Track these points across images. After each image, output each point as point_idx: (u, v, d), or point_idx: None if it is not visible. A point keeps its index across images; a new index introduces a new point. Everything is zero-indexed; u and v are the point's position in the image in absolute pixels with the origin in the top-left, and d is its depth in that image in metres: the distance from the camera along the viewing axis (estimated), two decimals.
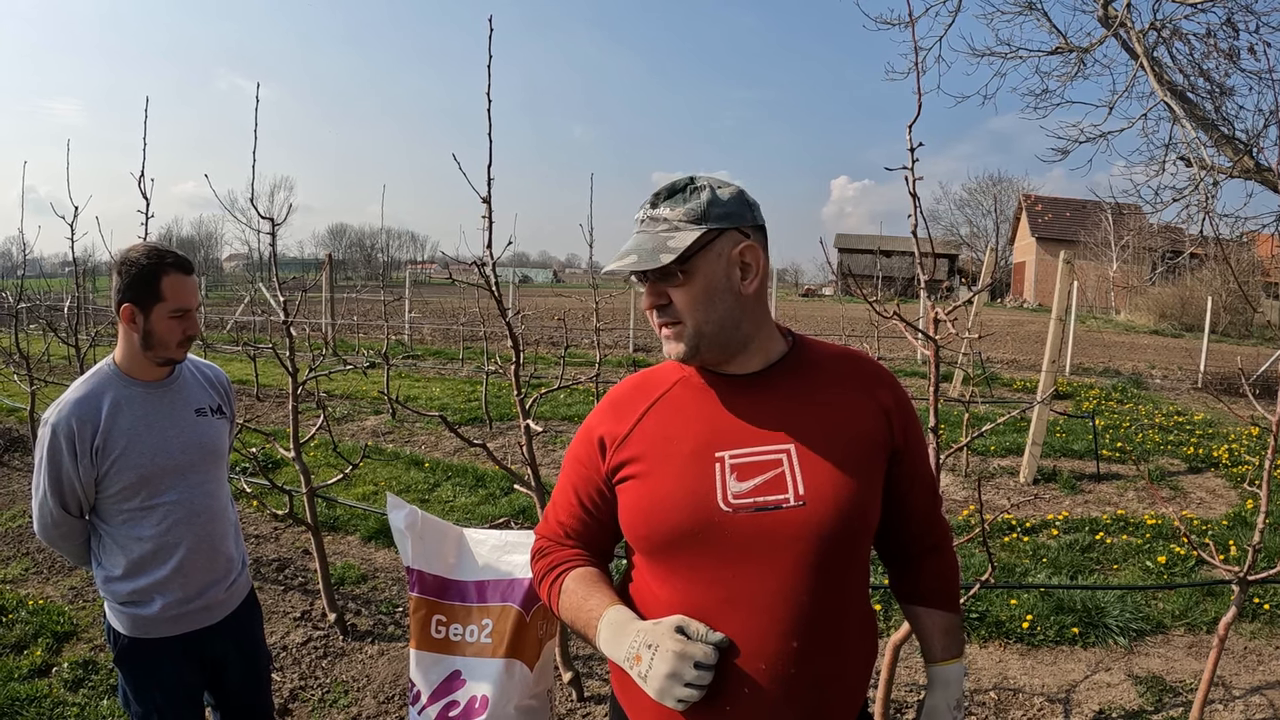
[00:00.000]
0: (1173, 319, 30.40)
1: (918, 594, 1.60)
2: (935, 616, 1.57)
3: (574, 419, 9.69)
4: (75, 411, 2.04)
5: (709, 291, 1.37)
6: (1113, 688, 3.77)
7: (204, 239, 73.01)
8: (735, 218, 1.39)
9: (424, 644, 2.24)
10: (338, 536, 5.58)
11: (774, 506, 1.33)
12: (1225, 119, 10.19)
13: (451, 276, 3.84)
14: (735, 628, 1.32)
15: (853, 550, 1.38)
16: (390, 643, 4.07)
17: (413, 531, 2.27)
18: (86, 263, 14.29)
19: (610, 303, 15.44)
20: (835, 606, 1.36)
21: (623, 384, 1.58)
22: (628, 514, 1.44)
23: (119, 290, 2.08)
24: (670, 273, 1.37)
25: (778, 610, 1.31)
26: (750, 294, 1.40)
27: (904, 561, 1.61)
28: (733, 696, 1.32)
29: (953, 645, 1.56)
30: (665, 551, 1.39)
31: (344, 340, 18.79)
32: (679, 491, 1.37)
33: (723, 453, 1.38)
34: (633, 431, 1.46)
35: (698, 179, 1.41)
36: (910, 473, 1.51)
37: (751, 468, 1.36)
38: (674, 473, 1.39)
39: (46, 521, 2.11)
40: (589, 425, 1.55)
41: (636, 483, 1.43)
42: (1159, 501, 6.74)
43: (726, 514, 1.33)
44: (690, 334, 1.38)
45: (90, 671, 3.68)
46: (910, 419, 1.50)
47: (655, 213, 1.39)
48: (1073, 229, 43.48)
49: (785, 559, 1.32)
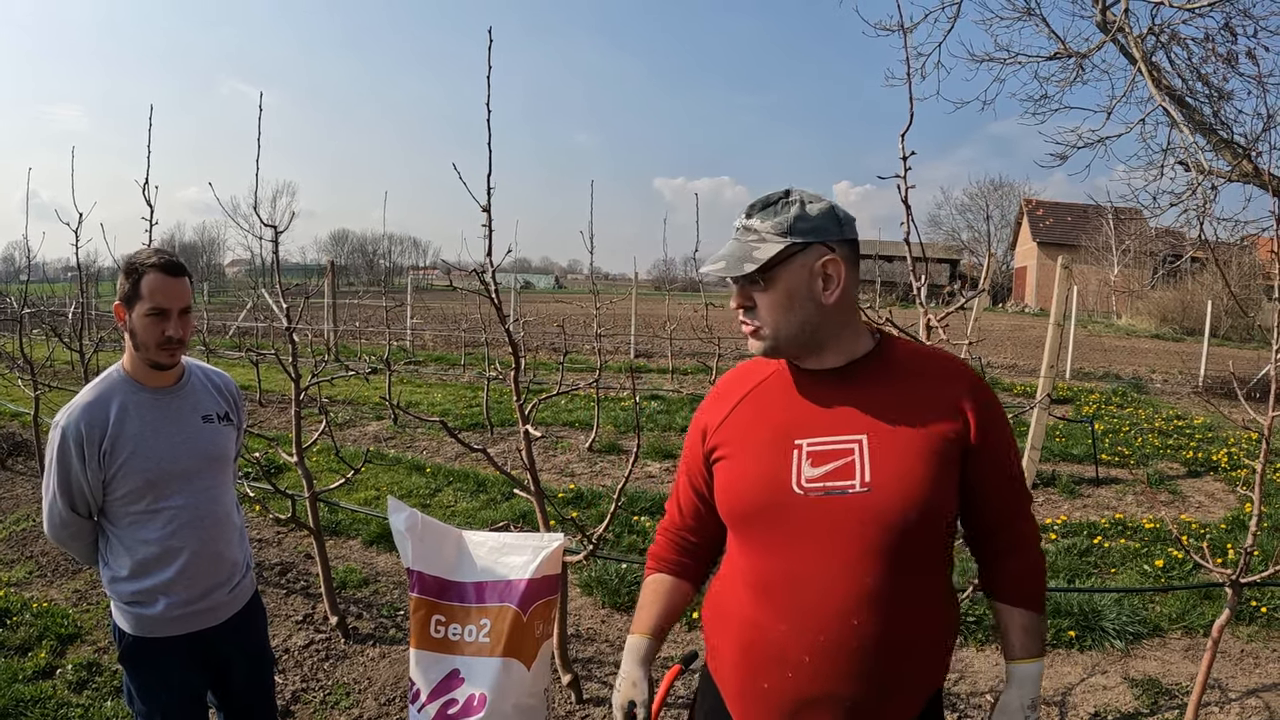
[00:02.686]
0: (1174, 323, 30.38)
1: (999, 590, 1.61)
2: (1015, 614, 1.59)
3: (575, 424, 9.73)
4: (84, 416, 2.09)
5: (789, 299, 1.49)
6: (1109, 690, 3.79)
7: (207, 244, 73.25)
8: (821, 232, 1.48)
9: (424, 643, 2.27)
10: (340, 541, 5.61)
11: (840, 491, 1.44)
12: (1224, 123, 10.22)
13: (452, 283, 3.87)
14: (798, 600, 1.45)
15: (920, 539, 1.45)
16: (391, 645, 4.10)
17: (413, 534, 2.30)
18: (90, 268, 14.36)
19: (612, 309, 15.49)
20: (901, 591, 1.43)
21: (727, 374, 1.74)
22: (718, 492, 1.61)
23: (118, 293, 2.14)
24: (754, 279, 1.49)
25: (838, 587, 1.43)
26: (831, 303, 1.50)
27: (987, 558, 1.64)
28: (794, 664, 1.45)
29: (1031, 644, 1.57)
30: (745, 526, 1.55)
31: (346, 346, 18.84)
32: (757, 473, 1.52)
33: (801, 440, 1.50)
34: (728, 418, 1.63)
35: (792, 193, 1.52)
36: (989, 472, 1.53)
37: (825, 455, 1.48)
38: (756, 456, 1.54)
39: (56, 522, 2.15)
40: (697, 414, 1.73)
41: (726, 463, 1.60)
42: (1157, 505, 6.76)
43: (798, 496, 1.46)
44: (769, 335, 1.51)
45: (94, 673, 3.72)
46: (991, 420, 1.52)
47: (748, 223, 1.51)
48: (1074, 233, 43.49)
49: (847, 540, 1.43)
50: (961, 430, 1.49)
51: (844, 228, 1.51)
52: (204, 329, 16.33)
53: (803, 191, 1.53)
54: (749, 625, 1.52)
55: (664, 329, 15.46)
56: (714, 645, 1.64)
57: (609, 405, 10.49)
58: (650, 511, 6.12)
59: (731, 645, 1.56)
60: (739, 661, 1.54)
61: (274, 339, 15.83)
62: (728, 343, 17.34)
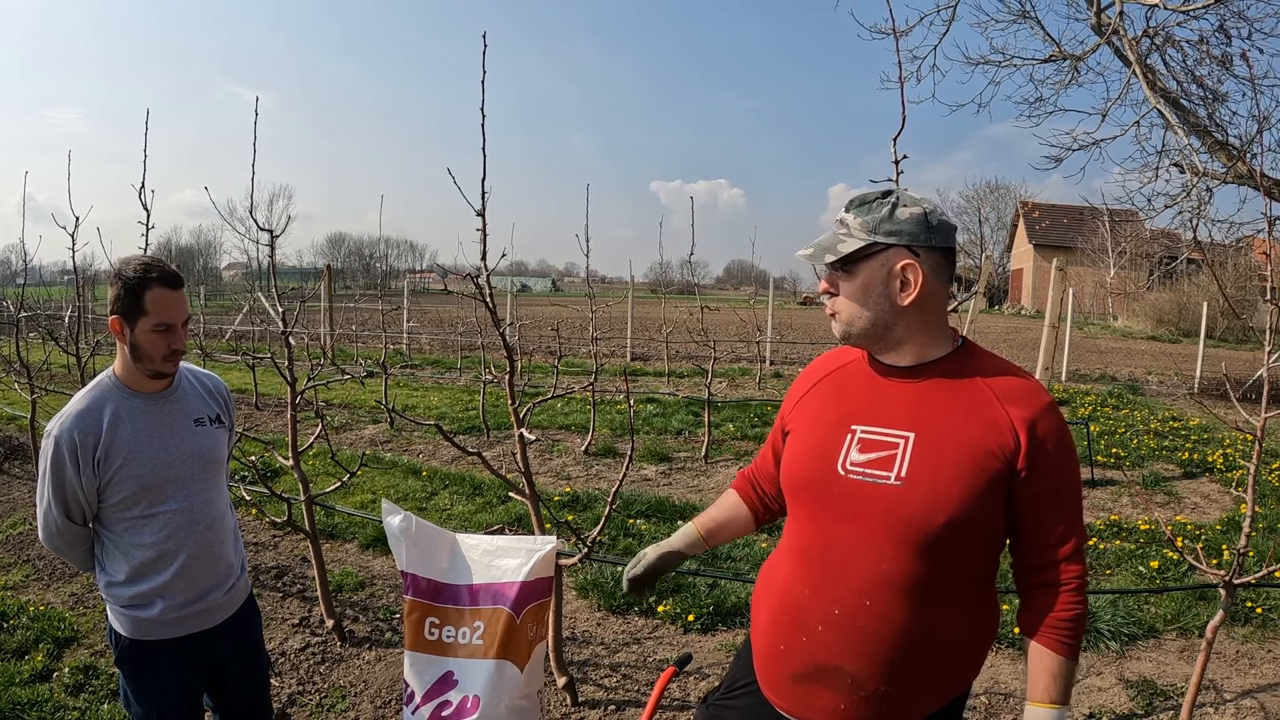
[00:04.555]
0: (1170, 324, 30.44)
1: (1028, 624, 1.56)
2: (1043, 655, 1.52)
3: (571, 427, 9.73)
4: (77, 424, 2.09)
5: (865, 294, 1.57)
6: (1104, 691, 3.80)
7: (203, 248, 73.10)
8: (906, 236, 1.54)
9: (418, 645, 2.28)
10: (336, 544, 5.61)
11: (876, 480, 1.52)
12: (1218, 125, 10.27)
13: (447, 287, 3.88)
14: (825, 570, 1.57)
15: (949, 542, 1.47)
16: (387, 649, 4.10)
17: (407, 536, 2.31)
18: (86, 272, 14.35)
19: (608, 312, 15.50)
20: (920, 585, 1.48)
21: (822, 355, 1.87)
22: (783, 462, 1.76)
23: (110, 302, 2.13)
24: (838, 268, 1.60)
25: (858, 566, 1.52)
26: (906, 305, 1.55)
27: (1022, 589, 1.60)
28: (809, 630, 1.57)
29: (1056, 690, 1.50)
30: (797, 495, 1.68)
31: (343, 349, 18.83)
32: (814, 449, 1.64)
33: (857, 426, 1.60)
34: (805, 396, 1.78)
35: (891, 194, 1.58)
36: (1034, 502, 1.50)
37: (873, 444, 1.56)
38: (818, 433, 1.66)
39: (51, 530, 2.15)
40: (791, 388, 1.88)
41: (793, 436, 1.75)
42: (1153, 507, 6.77)
43: (840, 476, 1.57)
44: (842, 322, 1.62)
45: (91, 676, 3.71)
46: (1047, 450, 1.48)
47: (844, 216, 1.60)
48: (1070, 235, 43.57)
49: (872, 526, 1.51)
50: (1010, 452, 1.47)
51: (934, 235, 1.54)
52: (200, 333, 16.29)
53: (904, 193, 1.57)
54: (785, 589, 1.64)
55: (660, 332, 15.46)
56: (756, 608, 1.78)
57: (605, 408, 10.49)
58: (645, 515, 6.12)
59: (768, 607, 1.70)
60: (768, 622, 1.68)
61: (270, 343, 15.82)
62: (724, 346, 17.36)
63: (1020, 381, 1.56)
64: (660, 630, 4.37)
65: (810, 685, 1.57)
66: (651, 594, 2.32)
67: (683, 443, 8.99)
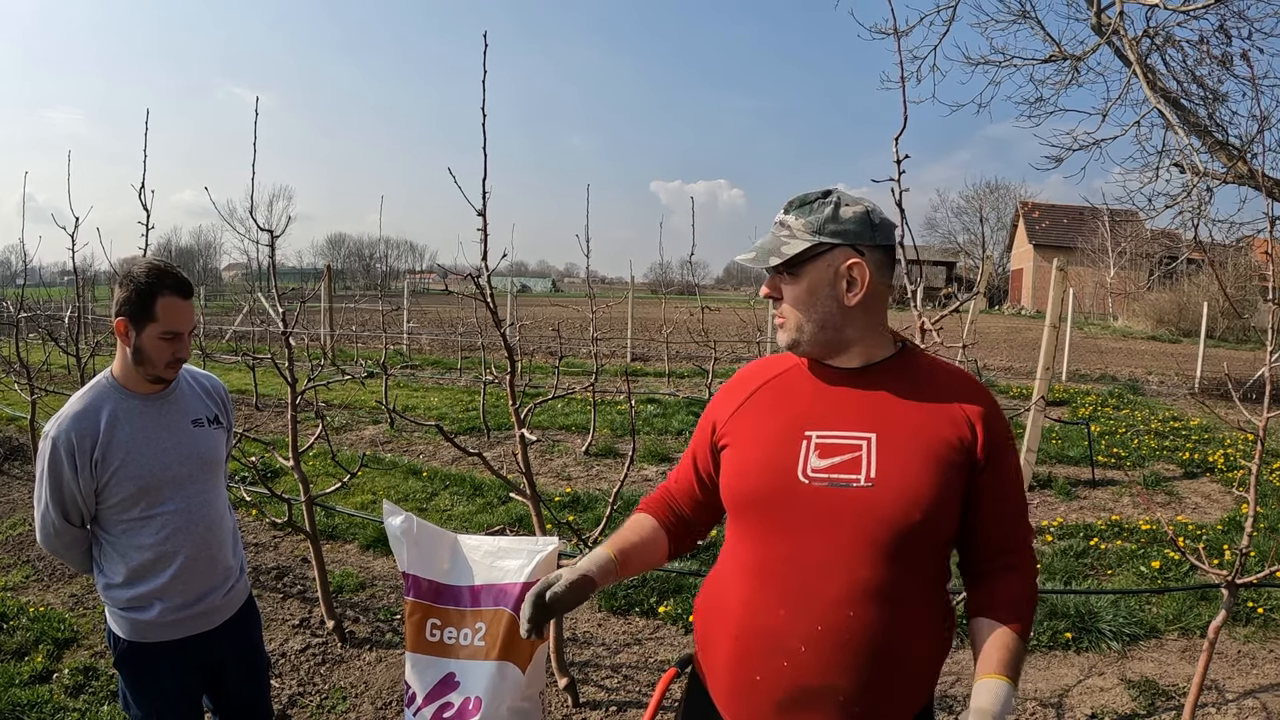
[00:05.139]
0: (1170, 324, 30.43)
1: (991, 608, 1.55)
2: (1003, 634, 1.50)
3: (571, 428, 9.72)
4: (74, 425, 2.08)
5: (811, 296, 1.54)
6: (1105, 692, 3.79)
7: (203, 248, 73.13)
8: (851, 235, 1.52)
9: (419, 647, 2.27)
10: (336, 545, 5.61)
11: (844, 484, 1.47)
12: (1219, 125, 10.27)
13: (448, 287, 3.87)
14: (798, 586, 1.47)
15: (920, 541, 1.45)
16: (388, 650, 4.09)
17: (408, 537, 2.30)
18: (86, 272, 14.34)
19: (608, 312, 15.47)
20: (899, 589, 1.44)
21: (749, 365, 1.78)
22: (724, 476, 1.64)
23: (117, 303, 2.11)
24: (782, 272, 1.56)
25: (836, 577, 1.44)
26: (852, 305, 1.53)
27: (978, 576, 1.61)
28: (790, 653, 1.46)
29: (1010, 666, 1.47)
30: (749, 511, 1.57)
31: (343, 350, 18.81)
32: (766, 460, 1.55)
33: (811, 432, 1.53)
34: (741, 407, 1.67)
35: (832, 194, 1.56)
36: (992, 494, 1.53)
37: (833, 448, 1.51)
38: (766, 443, 1.57)
39: (49, 532, 2.14)
40: (713, 400, 1.77)
41: (733, 450, 1.63)
42: (1154, 507, 6.77)
43: (803, 485, 1.49)
44: (792, 327, 1.57)
45: (91, 677, 3.71)
46: (999, 441, 1.53)
47: (784, 219, 1.57)
48: (1070, 236, 43.55)
49: (847, 532, 1.45)
50: (970, 445, 1.50)
51: (877, 233, 1.54)
52: (200, 333, 16.28)
53: (844, 193, 1.56)
54: (747, 612, 1.51)
55: (660, 332, 15.44)
56: (706, 641, 1.63)
57: (605, 409, 10.49)
58: None
59: (726, 634, 1.55)
60: (732, 652, 1.53)
61: (270, 343, 15.81)
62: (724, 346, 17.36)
63: (966, 378, 1.61)
64: (661, 631, 4.37)
65: (797, 713, 1.47)
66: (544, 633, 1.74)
67: (683, 443, 8.94)
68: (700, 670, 1.66)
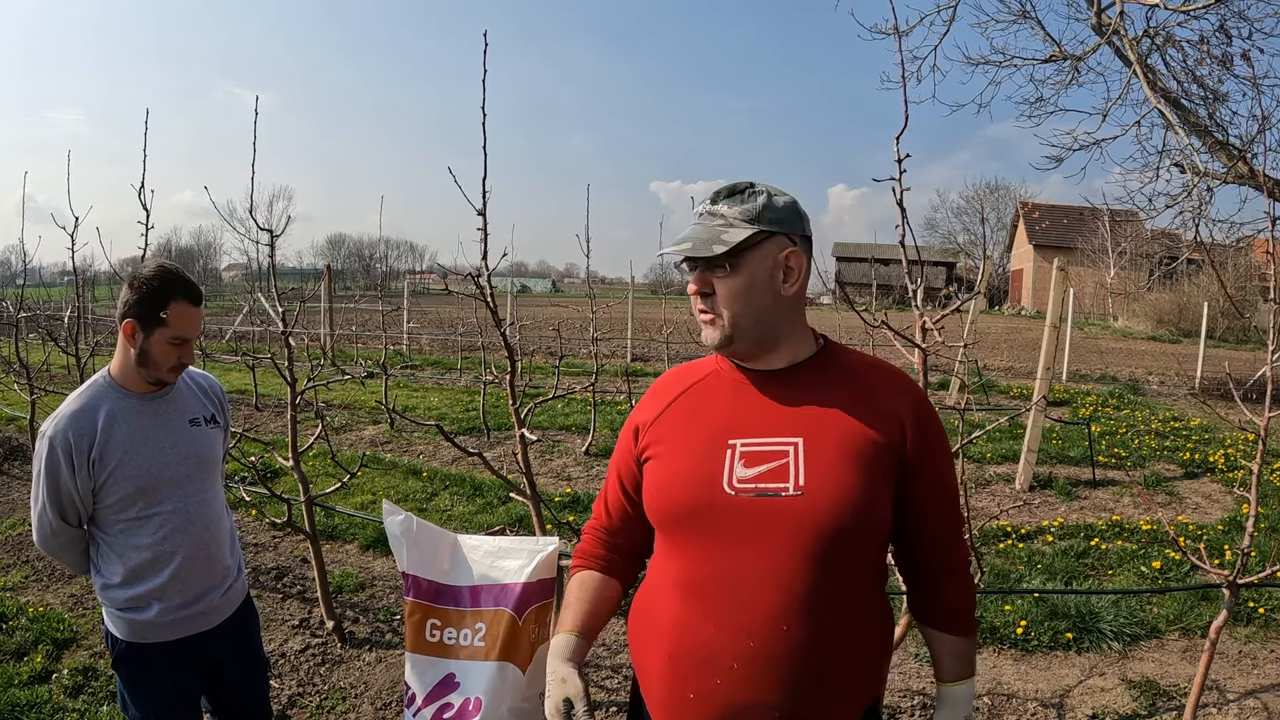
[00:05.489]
0: (1170, 325, 30.43)
1: (930, 617, 1.61)
2: (945, 640, 1.58)
3: (571, 428, 9.72)
4: (72, 425, 2.07)
5: (749, 288, 1.46)
6: (1106, 692, 3.79)
7: (203, 249, 73.26)
8: (786, 224, 1.48)
9: (419, 647, 2.27)
10: (336, 545, 5.60)
11: (773, 494, 1.41)
12: (1219, 125, 10.26)
13: (448, 287, 3.87)
14: (728, 602, 1.40)
15: (854, 545, 1.42)
16: (388, 650, 4.09)
17: (408, 537, 2.30)
18: (86, 272, 14.35)
19: (608, 312, 15.49)
20: (834, 598, 1.40)
21: (665, 374, 1.71)
22: (647, 491, 1.56)
23: (126, 304, 2.10)
24: (719, 264, 1.46)
25: (769, 591, 1.38)
26: (789, 296, 1.49)
27: (918, 581, 1.62)
28: (723, 670, 1.39)
29: (962, 668, 1.58)
30: (675, 527, 1.50)
31: (343, 350, 18.81)
32: (689, 472, 1.48)
33: (735, 440, 1.47)
34: (661, 416, 1.60)
35: (757, 185, 1.51)
36: (925, 488, 1.51)
37: (759, 456, 1.44)
38: (688, 455, 1.50)
39: (46, 532, 2.14)
40: (632, 413, 1.69)
41: (656, 462, 1.56)
42: (1154, 507, 6.76)
43: (729, 497, 1.42)
44: (726, 324, 1.48)
45: (90, 678, 3.71)
46: (929, 435, 1.51)
47: (714, 209, 1.49)
48: (1070, 236, 43.57)
49: (780, 544, 1.39)
50: (899, 442, 1.47)
51: (805, 224, 1.52)
52: (200, 333, 16.27)
53: (767, 184, 1.52)
54: (677, 629, 1.46)
55: (660, 332, 15.46)
56: (640, 655, 1.58)
57: (605, 409, 10.48)
58: None
59: (658, 652, 1.49)
60: (665, 669, 1.47)
61: (270, 343, 15.81)
62: None
63: (895, 373, 1.57)
64: None
65: None
66: None
67: None
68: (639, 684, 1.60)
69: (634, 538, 1.70)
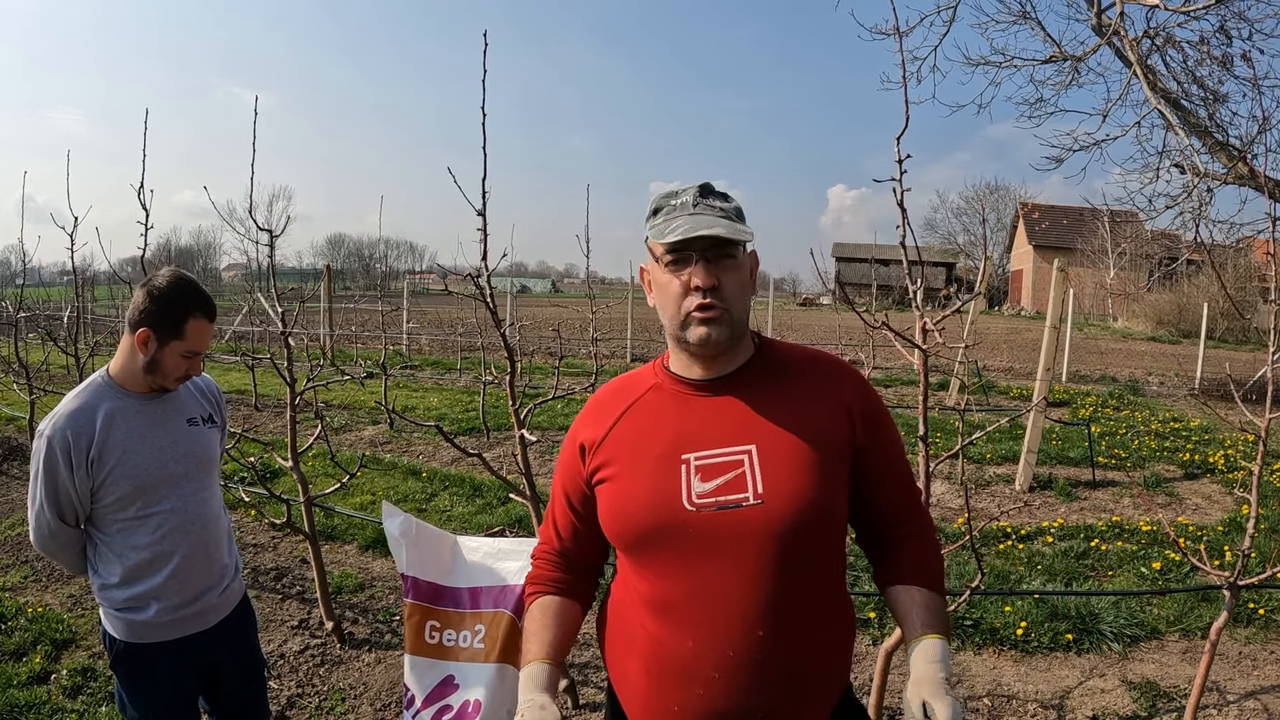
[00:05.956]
0: (1170, 325, 30.44)
1: (898, 574, 1.54)
2: (914, 593, 1.50)
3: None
4: (70, 424, 2.07)
5: (745, 283, 1.48)
6: (1107, 693, 3.78)
7: (202, 249, 73.37)
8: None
9: (418, 649, 2.26)
10: (335, 545, 5.60)
11: (734, 505, 1.39)
12: (1219, 125, 10.26)
13: (448, 287, 3.86)
14: (702, 617, 1.39)
15: (817, 544, 1.43)
16: (387, 651, 4.08)
17: (408, 539, 2.30)
18: (85, 272, 14.33)
19: (608, 313, 15.47)
20: (802, 598, 1.41)
21: (603, 388, 1.65)
22: (604, 514, 1.53)
23: (143, 312, 2.10)
24: (730, 255, 1.44)
25: (742, 603, 1.38)
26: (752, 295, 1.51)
27: (883, 548, 1.59)
28: (704, 681, 1.39)
29: (936, 621, 1.45)
30: (638, 549, 1.47)
31: (342, 350, 18.81)
32: (647, 492, 1.45)
33: (688, 455, 1.45)
34: (608, 435, 1.55)
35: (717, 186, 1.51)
36: (879, 468, 1.52)
37: (714, 469, 1.43)
38: (643, 474, 1.47)
39: (44, 532, 2.14)
40: (573, 430, 1.63)
41: (610, 484, 1.51)
42: (1154, 508, 6.76)
43: (690, 513, 1.40)
44: (732, 319, 1.45)
45: (89, 679, 3.70)
46: (875, 416, 1.52)
47: (710, 202, 1.45)
48: (1070, 236, 43.58)
49: (747, 555, 1.38)
50: (848, 430, 1.47)
51: None
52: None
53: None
54: (653, 645, 1.44)
55: (660, 333, 15.40)
56: (616, 667, 1.56)
57: None
58: None
59: (635, 666, 1.48)
60: (645, 682, 1.46)
61: (270, 343, 15.80)
62: None
63: (831, 361, 1.57)
64: None
65: None
66: None
67: None
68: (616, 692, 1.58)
69: (587, 556, 1.67)
